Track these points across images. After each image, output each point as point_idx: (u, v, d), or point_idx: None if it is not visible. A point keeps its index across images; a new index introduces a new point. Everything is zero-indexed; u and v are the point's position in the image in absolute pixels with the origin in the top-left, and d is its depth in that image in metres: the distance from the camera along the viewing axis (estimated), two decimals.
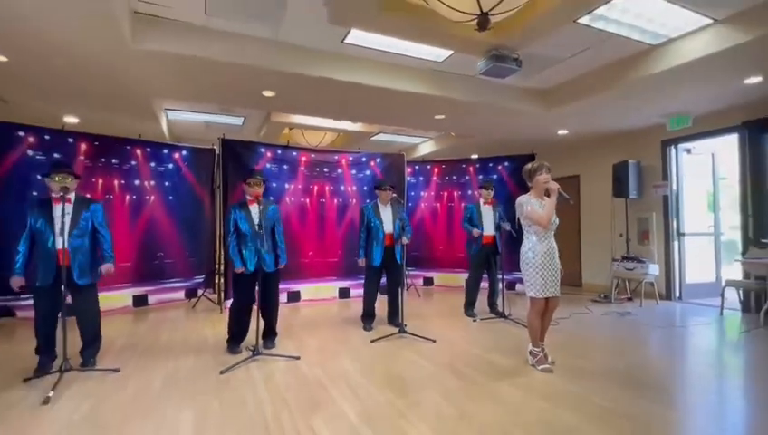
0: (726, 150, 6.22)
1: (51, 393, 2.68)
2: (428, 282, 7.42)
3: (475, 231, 4.99)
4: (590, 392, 2.79)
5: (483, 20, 2.85)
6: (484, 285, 5.21)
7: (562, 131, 6.57)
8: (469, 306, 5.16)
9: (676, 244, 6.23)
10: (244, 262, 3.63)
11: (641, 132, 6.48)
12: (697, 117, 5.55)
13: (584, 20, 3.59)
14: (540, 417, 2.45)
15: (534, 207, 3.22)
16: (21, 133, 4.85)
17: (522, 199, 3.28)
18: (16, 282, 3.10)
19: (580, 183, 7.56)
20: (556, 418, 2.43)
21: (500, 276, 5.13)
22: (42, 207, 3.15)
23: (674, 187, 6.25)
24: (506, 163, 7.14)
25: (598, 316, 5.21)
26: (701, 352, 3.94)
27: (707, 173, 6.46)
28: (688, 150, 6.32)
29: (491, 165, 7.26)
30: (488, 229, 5.05)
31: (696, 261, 6.28)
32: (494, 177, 7.11)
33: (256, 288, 3.66)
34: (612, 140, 6.91)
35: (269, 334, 3.84)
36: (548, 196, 3.25)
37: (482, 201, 5.15)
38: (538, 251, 3.19)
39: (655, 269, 5.95)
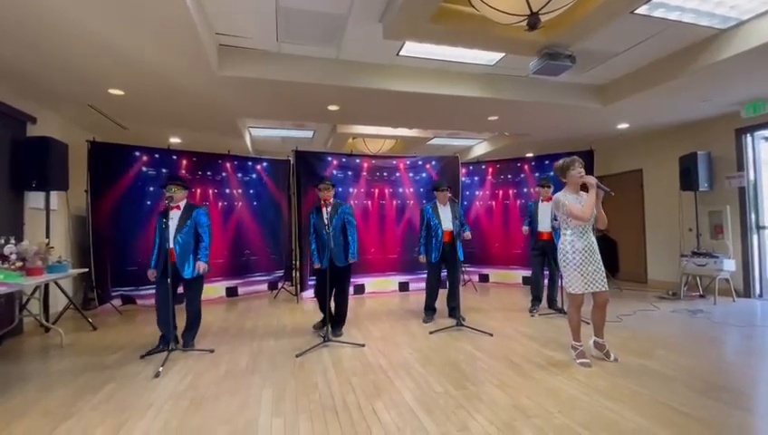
0: None
1: (161, 369, 2.97)
2: (484, 278, 7.14)
3: (524, 229, 5.06)
4: (657, 393, 2.50)
5: (533, 20, 2.67)
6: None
7: (622, 125, 6.00)
8: (532, 302, 4.85)
9: (755, 238, 5.42)
10: (320, 259, 3.79)
11: (711, 121, 5.72)
12: None
13: (642, 10, 3.25)
14: (603, 416, 2.24)
15: (572, 202, 3.01)
16: (137, 153, 5.48)
17: (559, 196, 3.07)
18: (150, 274, 3.51)
19: (644, 177, 6.85)
20: (622, 418, 2.20)
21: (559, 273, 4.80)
22: (163, 213, 3.51)
23: (751, 177, 5.44)
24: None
25: (666, 313, 4.67)
26: None
27: None
28: (767, 138, 5.47)
29: (547, 162, 6.81)
30: (544, 226, 4.77)
31: None
32: (551, 174, 6.68)
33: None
34: (678, 131, 6.18)
35: (338, 323, 3.93)
36: (584, 189, 3.03)
37: (540, 199, 4.89)
38: (577, 247, 2.98)
39: (730, 265, 5.22)
